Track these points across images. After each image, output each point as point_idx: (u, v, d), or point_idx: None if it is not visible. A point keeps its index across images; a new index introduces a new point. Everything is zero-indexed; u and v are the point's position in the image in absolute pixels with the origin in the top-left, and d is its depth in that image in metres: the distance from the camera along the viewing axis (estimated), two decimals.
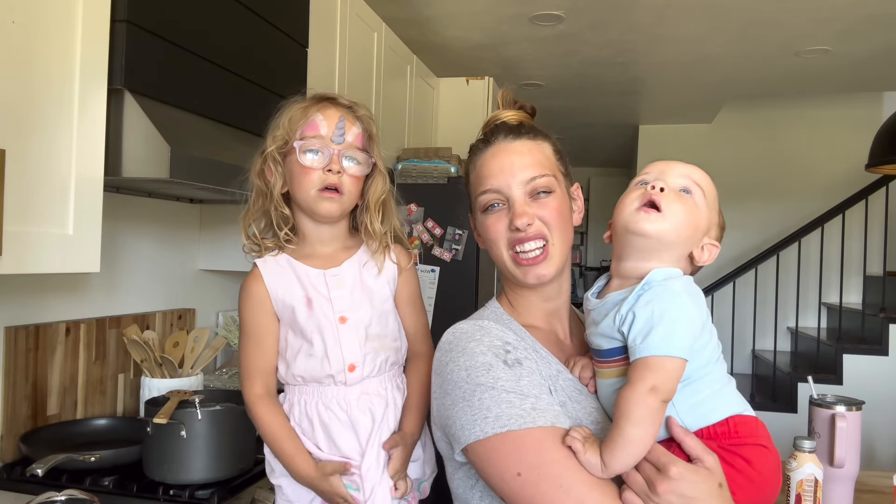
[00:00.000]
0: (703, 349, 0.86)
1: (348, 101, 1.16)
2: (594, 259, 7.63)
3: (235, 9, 1.55)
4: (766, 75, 3.91)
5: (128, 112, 1.24)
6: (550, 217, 0.98)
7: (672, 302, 0.83)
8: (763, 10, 2.91)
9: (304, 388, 1.16)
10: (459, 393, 0.91)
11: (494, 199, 1.00)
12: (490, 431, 0.87)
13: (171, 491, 1.31)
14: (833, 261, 4.55)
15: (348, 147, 1.12)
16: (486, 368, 0.91)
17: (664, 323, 0.81)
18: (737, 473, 0.84)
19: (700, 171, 0.93)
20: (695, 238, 0.90)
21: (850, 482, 1.35)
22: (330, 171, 1.11)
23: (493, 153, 1.01)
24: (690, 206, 0.89)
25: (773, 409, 4.15)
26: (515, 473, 0.85)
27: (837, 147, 5.14)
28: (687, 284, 0.87)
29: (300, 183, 1.12)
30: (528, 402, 0.88)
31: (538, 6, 2.90)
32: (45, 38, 1.11)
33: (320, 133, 1.11)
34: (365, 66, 2.49)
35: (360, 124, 1.15)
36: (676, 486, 0.79)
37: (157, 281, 1.94)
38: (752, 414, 0.90)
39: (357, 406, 1.14)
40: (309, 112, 1.13)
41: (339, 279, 1.16)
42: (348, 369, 1.14)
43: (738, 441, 0.86)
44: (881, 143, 3.24)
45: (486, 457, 0.88)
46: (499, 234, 1.00)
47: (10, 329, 1.46)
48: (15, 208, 1.05)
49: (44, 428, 1.51)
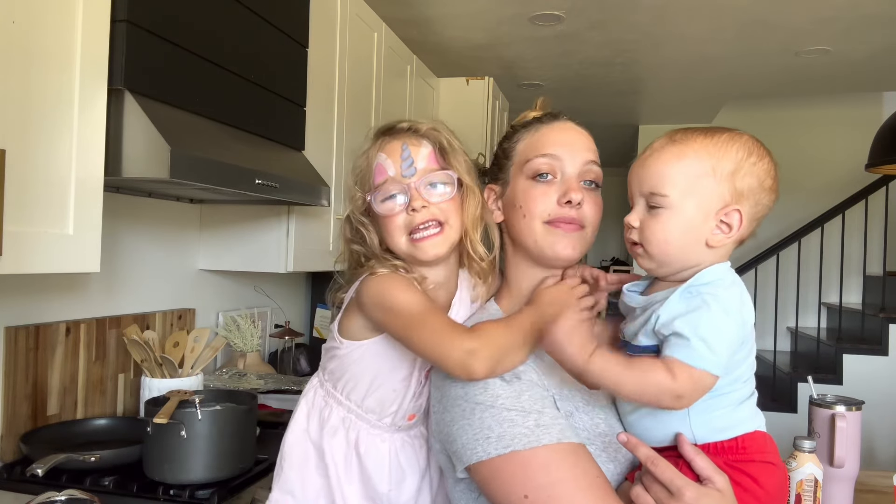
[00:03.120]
0: (737, 366, 0.83)
1: (409, 122, 1.04)
2: (594, 259, 7.63)
3: (235, 9, 1.55)
4: (766, 75, 3.91)
5: (128, 112, 1.24)
6: (594, 208, 0.97)
7: (717, 318, 0.79)
8: (763, 10, 2.91)
9: (360, 413, 1.07)
10: (458, 411, 0.88)
11: (549, 167, 0.96)
12: (493, 452, 0.84)
13: (171, 491, 1.31)
14: (833, 261, 4.55)
15: (424, 173, 1.00)
16: (483, 387, 0.87)
17: (703, 333, 0.78)
18: (743, 492, 0.82)
19: (675, 156, 0.84)
20: (696, 232, 0.84)
21: (850, 482, 1.35)
22: (414, 210, 0.98)
23: (561, 127, 0.99)
24: (662, 222, 0.83)
25: (773, 409, 4.14)
26: (522, 496, 0.82)
27: (837, 147, 5.14)
28: (738, 293, 0.82)
29: (390, 234, 1.01)
30: (532, 419, 0.85)
31: (538, 6, 2.90)
32: (45, 38, 1.11)
33: (389, 175, 1.00)
34: (365, 66, 2.49)
35: (428, 141, 1.02)
36: None
37: (156, 281, 1.94)
38: (763, 428, 0.87)
39: (401, 449, 1.08)
40: (371, 156, 1.03)
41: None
42: (408, 418, 1.07)
43: (745, 458, 0.84)
44: (881, 143, 3.24)
45: (491, 478, 0.85)
46: (542, 204, 0.95)
47: (10, 329, 1.46)
48: (15, 208, 1.05)
49: (44, 428, 1.51)
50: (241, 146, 1.55)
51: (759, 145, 0.85)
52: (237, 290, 2.32)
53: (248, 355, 2.11)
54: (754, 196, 0.84)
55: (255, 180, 1.48)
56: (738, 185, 0.83)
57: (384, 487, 1.06)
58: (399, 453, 1.08)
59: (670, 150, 0.84)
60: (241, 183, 1.45)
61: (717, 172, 0.82)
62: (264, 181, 1.50)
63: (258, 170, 1.49)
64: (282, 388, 1.95)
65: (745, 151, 0.84)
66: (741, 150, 0.84)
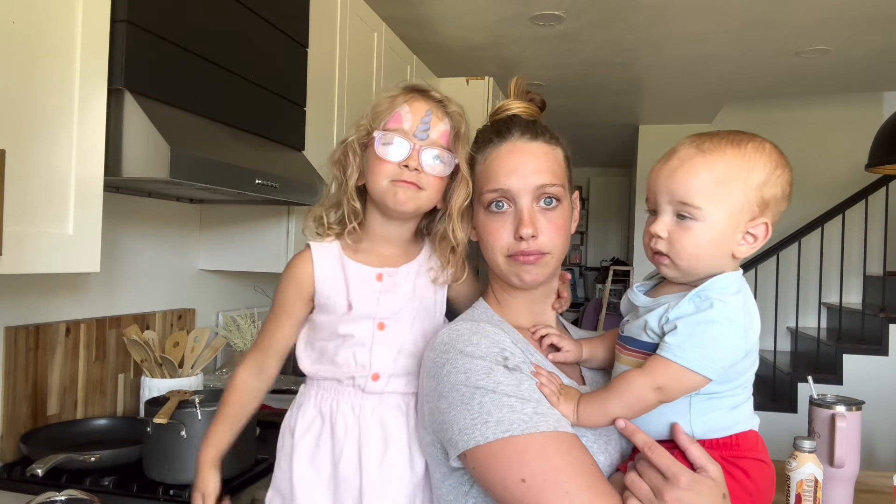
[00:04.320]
0: (739, 374, 0.85)
1: (441, 94, 1.07)
2: (594, 259, 7.63)
3: (235, 9, 1.55)
4: (766, 75, 3.91)
5: (128, 112, 1.24)
6: (553, 231, 0.98)
7: (719, 325, 0.80)
8: (763, 10, 2.91)
9: (323, 383, 1.10)
10: (457, 396, 0.89)
11: (501, 199, 0.98)
12: (491, 437, 0.85)
13: (171, 491, 1.31)
14: (833, 261, 4.55)
15: (432, 144, 1.03)
16: (487, 372, 0.89)
17: (699, 339, 0.80)
18: (736, 485, 0.85)
19: (707, 168, 0.83)
20: (725, 245, 0.85)
21: (850, 482, 1.35)
22: (407, 166, 1.02)
23: (509, 150, 0.99)
24: (694, 234, 0.84)
25: (773, 409, 4.14)
26: (519, 480, 0.83)
27: (837, 147, 5.14)
28: (742, 300, 0.83)
29: (374, 173, 1.04)
30: (530, 407, 0.86)
31: (538, 6, 2.90)
32: (45, 38, 1.11)
33: (403, 126, 1.03)
34: (365, 66, 2.49)
35: (450, 121, 1.05)
36: (684, 495, 0.79)
37: (157, 281, 1.94)
38: (757, 428, 0.91)
39: (370, 415, 1.07)
40: (395, 103, 1.05)
41: (394, 281, 1.08)
42: (371, 377, 1.07)
43: (739, 454, 0.87)
44: (881, 143, 3.24)
45: (487, 462, 0.86)
46: (499, 240, 0.99)
47: (10, 329, 1.46)
48: (15, 208, 1.05)
49: (44, 428, 1.51)
50: (241, 146, 1.55)
51: (781, 155, 0.86)
52: (237, 290, 2.32)
53: None
54: (777, 206, 0.85)
55: (255, 180, 1.48)
56: (766, 196, 0.84)
57: (352, 458, 1.06)
58: (369, 418, 1.07)
59: (700, 160, 0.84)
60: (241, 183, 1.45)
61: (748, 184, 0.83)
62: (264, 181, 1.50)
63: (258, 170, 1.49)
64: (282, 388, 1.95)
65: (773, 163, 0.84)
66: (769, 161, 0.84)
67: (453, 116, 1.06)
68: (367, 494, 1.03)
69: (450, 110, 1.06)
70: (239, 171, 1.45)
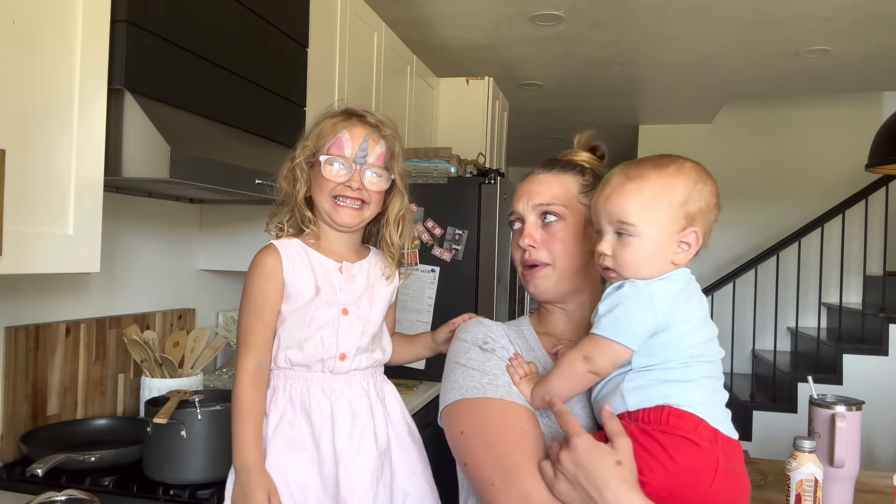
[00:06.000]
0: (664, 347, 0.93)
1: (376, 119, 1.23)
2: None
3: (235, 9, 1.55)
4: (766, 75, 3.91)
5: (128, 112, 1.24)
6: (552, 243, 1.08)
7: (628, 299, 0.92)
8: (763, 10, 2.91)
9: (291, 371, 1.22)
10: (445, 373, 1.07)
11: (515, 220, 1.13)
12: (451, 399, 1.02)
13: (171, 491, 1.31)
14: (833, 261, 4.55)
15: (370, 166, 1.21)
16: (465, 351, 1.06)
17: (614, 313, 0.92)
18: (648, 456, 0.89)
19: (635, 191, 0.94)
20: (663, 255, 0.94)
21: (850, 482, 1.35)
22: (349, 186, 1.19)
23: (526, 180, 1.14)
24: (632, 248, 0.94)
25: (773, 409, 4.15)
26: (459, 432, 1.00)
27: (837, 147, 5.14)
28: (653, 287, 0.92)
29: (321, 190, 1.21)
30: (486, 379, 1.01)
31: (538, 6, 2.90)
32: (45, 38, 1.11)
33: (344, 153, 1.20)
34: (365, 66, 2.50)
35: (385, 143, 1.23)
36: (575, 455, 0.87)
37: (156, 281, 1.94)
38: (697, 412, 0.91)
39: (341, 394, 1.21)
40: (336, 129, 1.21)
41: (352, 273, 1.25)
42: (339, 357, 1.21)
43: (661, 428, 0.90)
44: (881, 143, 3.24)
45: (447, 421, 1.03)
46: (515, 253, 1.13)
47: (10, 329, 1.46)
48: (15, 208, 1.05)
49: (44, 428, 1.51)
50: (241, 146, 1.55)
51: (701, 171, 0.97)
52: (237, 290, 2.31)
53: None
54: (704, 216, 0.95)
55: (255, 180, 1.48)
56: (691, 210, 0.94)
57: (327, 438, 1.19)
58: (339, 398, 1.21)
59: (629, 185, 0.95)
60: (241, 183, 1.45)
61: (671, 203, 0.94)
62: (264, 181, 1.50)
63: (258, 170, 1.49)
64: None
65: (692, 180, 0.95)
66: (689, 179, 0.95)
67: (388, 139, 1.24)
68: (340, 465, 1.17)
69: (384, 133, 1.23)
70: (239, 171, 1.45)
